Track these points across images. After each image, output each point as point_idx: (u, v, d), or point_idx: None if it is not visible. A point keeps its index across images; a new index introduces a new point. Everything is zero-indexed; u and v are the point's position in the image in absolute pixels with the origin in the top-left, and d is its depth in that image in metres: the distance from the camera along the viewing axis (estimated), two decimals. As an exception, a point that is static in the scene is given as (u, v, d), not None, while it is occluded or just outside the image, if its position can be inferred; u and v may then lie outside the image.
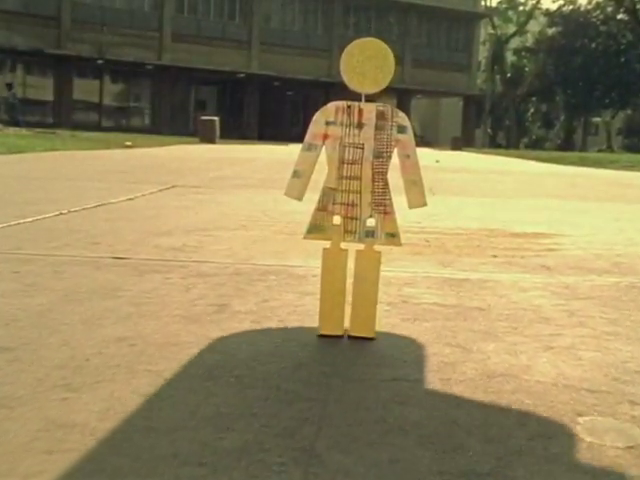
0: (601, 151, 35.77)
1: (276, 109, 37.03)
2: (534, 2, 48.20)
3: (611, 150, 39.63)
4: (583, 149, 41.74)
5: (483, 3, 43.68)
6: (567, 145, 44.82)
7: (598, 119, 50.72)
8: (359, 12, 36.88)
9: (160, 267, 2.11)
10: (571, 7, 46.41)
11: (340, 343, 1.43)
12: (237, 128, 32.80)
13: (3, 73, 30.45)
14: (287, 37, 35.83)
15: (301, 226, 2.84)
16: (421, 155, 1.48)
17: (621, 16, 45.65)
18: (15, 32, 29.99)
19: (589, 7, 46.43)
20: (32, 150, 9.91)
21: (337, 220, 1.46)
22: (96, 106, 33.80)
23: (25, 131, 17.78)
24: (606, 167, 13.31)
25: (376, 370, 1.26)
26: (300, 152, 1.47)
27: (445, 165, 10.58)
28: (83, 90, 33.10)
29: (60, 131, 19.58)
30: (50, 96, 32.42)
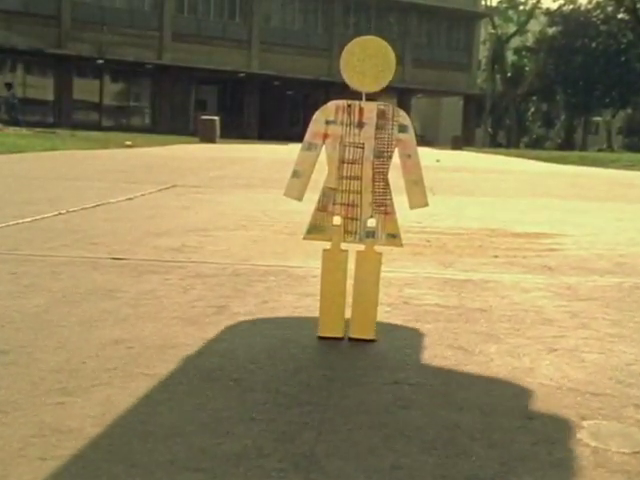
0: (601, 150, 35.74)
1: (276, 109, 37.02)
2: (534, 2, 48.18)
3: (611, 149, 39.60)
4: (583, 148, 41.71)
5: (483, 3, 43.66)
6: (567, 144, 44.80)
7: (598, 118, 50.71)
8: (359, 11, 36.86)
9: (159, 268, 2.09)
10: (571, 6, 46.39)
11: (340, 345, 1.41)
12: (237, 128, 32.78)
13: (3, 73, 30.44)
14: (287, 36, 35.81)
15: (301, 226, 2.82)
16: (421, 154, 1.46)
17: (621, 15, 45.64)
18: (15, 32, 29.99)
19: (589, 6, 46.42)
20: (32, 150, 9.89)
21: (337, 220, 1.44)
22: (96, 106, 33.79)
23: (25, 131, 17.76)
24: (607, 166, 13.28)
25: (377, 373, 1.24)
26: (300, 152, 1.45)
27: (445, 164, 10.56)
28: (83, 90, 33.09)
29: (60, 131, 19.56)
30: (50, 96, 32.41)
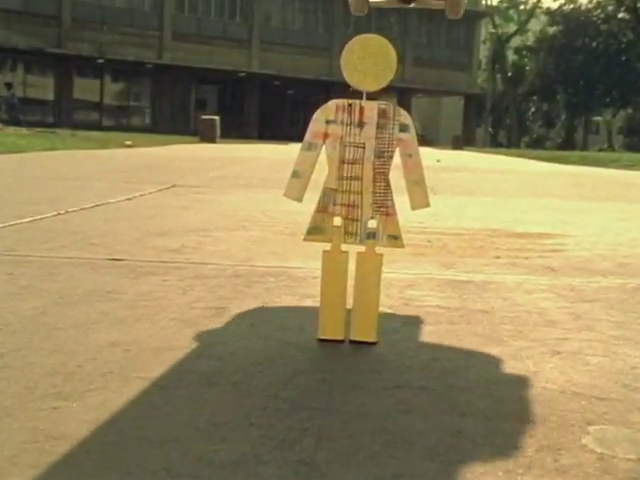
0: (602, 150, 35.72)
1: (277, 108, 36.99)
2: (535, 1, 48.16)
3: (612, 149, 39.58)
4: (584, 148, 41.69)
5: (484, 2, 43.65)
6: (568, 144, 44.78)
7: (599, 118, 50.68)
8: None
9: (157, 269, 2.07)
10: (572, 6, 46.37)
11: (341, 348, 1.39)
12: (237, 127, 32.76)
13: (3, 72, 30.43)
14: (288, 36, 35.78)
15: (301, 226, 2.80)
16: (422, 154, 1.44)
17: (622, 15, 45.62)
18: (15, 31, 29.97)
19: (590, 6, 46.39)
20: (32, 150, 9.87)
21: (338, 221, 1.42)
22: (96, 105, 33.78)
23: (25, 130, 17.74)
24: (607, 166, 13.25)
25: (378, 376, 1.22)
26: (300, 152, 1.42)
27: (446, 164, 10.54)
28: (83, 89, 33.08)
29: (60, 130, 19.54)
30: (50, 95, 32.40)
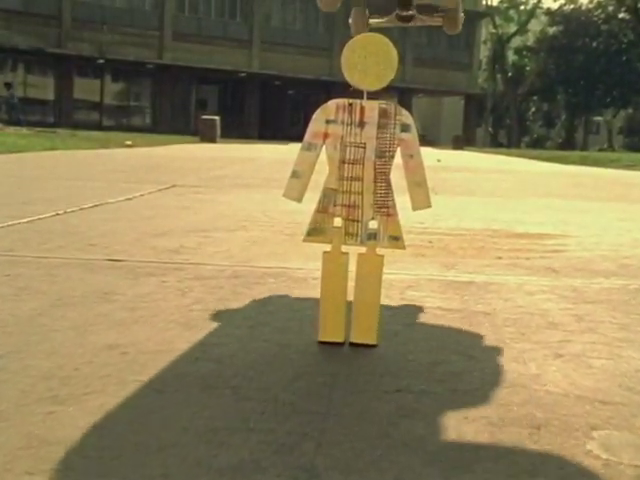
0: (602, 150, 35.73)
1: (277, 108, 36.99)
2: (535, 1, 48.17)
3: (612, 149, 39.58)
4: (584, 148, 41.70)
5: (484, 2, 43.64)
6: (568, 144, 44.79)
7: (599, 118, 50.69)
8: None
9: (156, 270, 2.05)
10: (572, 6, 46.38)
11: (341, 350, 1.37)
12: (238, 127, 32.76)
13: (3, 72, 30.43)
14: (288, 36, 35.77)
15: (301, 227, 2.78)
16: (422, 154, 1.42)
17: (622, 15, 45.63)
18: (15, 31, 29.97)
19: (590, 6, 46.40)
20: (32, 149, 9.86)
21: (338, 222, 1.41)
22: (97, 105, 33.80)
23: (26, 130, 17.74)
24: (608, 166, 13.24)
25: (379, 380, 1.20)
26: (299, 152, 1.41)
27: (446, 164, 10.52)
28: (84, 89, 33.09)
29: (61, 130, 19.54)
30: (51, 95, 32.42)
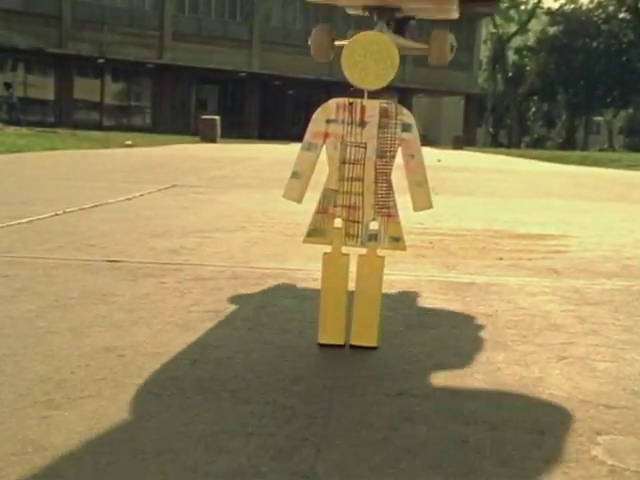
0: (603, 150, 35.73)
1: (277, 108, 36.97)
2: (535, 1, 48.14)
3: (613, 149, 39.58)
4: (584, 148, 41.69)
5: (484, 2, 43.55)
6: (568, 144, 44.79)
7: (600, 118, 50.70)
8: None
9: (155, 270, 2.04)
10: (572, 6, 46.38)
11: (341, 353, 1.36)
12: (238, 127, 32.75)
13: (3, 72, 30.42)
14: (288, 36, 35.74)
15: (302, 227, 2.77)
16: (423, 154, 1.40)
17: (623, 15, 45.63)
18: (15, 31, 29.97)
19: (591, 6, 46.40)
20: (31, 149, 9.84)
21: (338, 223, 1.39)
22: (97, 105, 33.81)
23: (26, 130, 17.74)
24: (608, 166, 13.22)
25: (379, 383, 1.18)
26: (299, 152, 1.39)
27: (447, 164, 10.50)
28: (84, 89, 33.10)
29: (61, 130, 19.53)
30: (51, 95, 32.42)
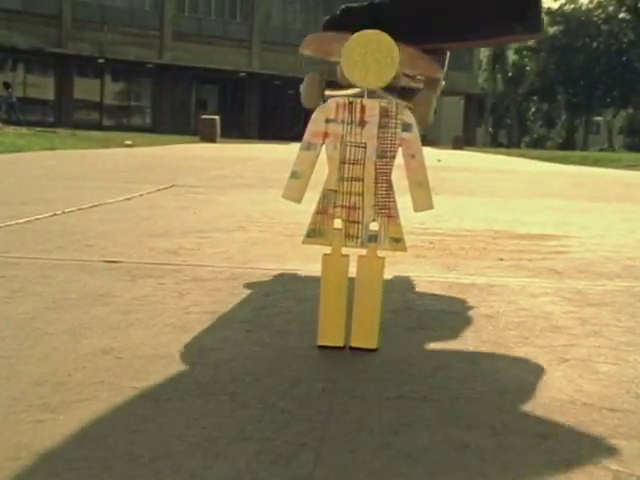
0: (603, 150, 35.72)
1: (277, 108, 36.95)
2: (536, 1, 48.10)
3: (612, 149, 39.58)
4: (584, 148, 41.69)
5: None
6: (568, 144, 44.79)
7: (599, 118, 50.70)
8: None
9: (154, 271, 2.02)
10: (572, 6, 46.38)
11: (341, 355, 1.34)
12: (238, 127, 32.75)
13: (3, 72, 30.41)
14: (288, 36, 35.71)
15: (301, 227, 2.75)
16: (423, 154, 1.39)
17: (623, 15, 45.63)
18: (15, 31, 29.95)
19: (590, 6, 46.42)
20: (31, 149, 9.83)
21: (338, 224, 1.37)
22: (97, 105, 33.79)
23: (25, 130, 17.72)
24: (608, 166, 13.21)
25: (380, 386, 1.17)
26: (299, 152, 1.38)
27: (447, 164, 10.49)
28: (84, 89, 33.08)
29: (60, 130, 19.52)
30: (51, 95, 32.40)
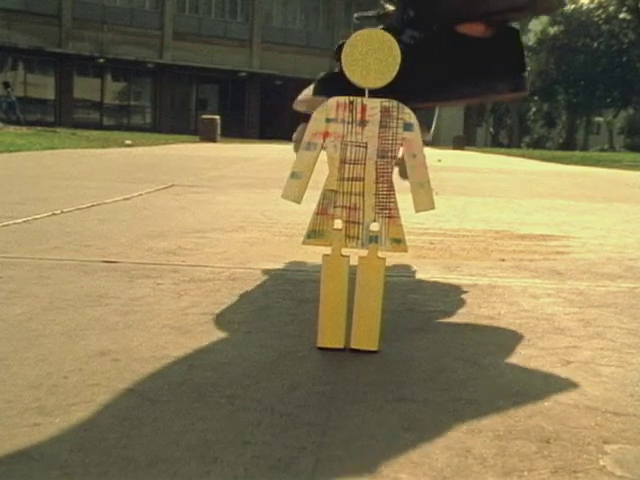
0: (603, 150, 35.71)
1: (277, 108, 36.93)
2: (536, 1, 48.09)
3: (613, 149, 39.57)
4: (585, 148, 41.69)
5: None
6: (569, 144, 44.77)
7: (600, 118, 50.68)
8: (360, 10, 36.80)
9: (152, 272, 2.01)
10: (573, 6, 46.34)
11: (341, 357, 1.33)
12: (238, 127, 32.74)
13: (3, 72, 30.40)
14: (288, 36, 35.73)
15: (301, 227, 2.74)
16: (424, 154, 1.37)
17: (623, 15, 45.60)
18: (16, 30, 29.95)
19: (591, 6, 46.40)
20: (30, 149, 9.81)
21: (338, 224, 1.36)
22: (97, 105, 33.79)
23: (25, 129, 17.72)
24: (609, 167, 13.19)
25: (380, 388, 1.15)
26: (299, 151, 1.36)
27: (447, 164, 10.47)
28: (84, 88, 33.07)
29: (60, 129, 19.51)
30: (51, 95, 32.39)
